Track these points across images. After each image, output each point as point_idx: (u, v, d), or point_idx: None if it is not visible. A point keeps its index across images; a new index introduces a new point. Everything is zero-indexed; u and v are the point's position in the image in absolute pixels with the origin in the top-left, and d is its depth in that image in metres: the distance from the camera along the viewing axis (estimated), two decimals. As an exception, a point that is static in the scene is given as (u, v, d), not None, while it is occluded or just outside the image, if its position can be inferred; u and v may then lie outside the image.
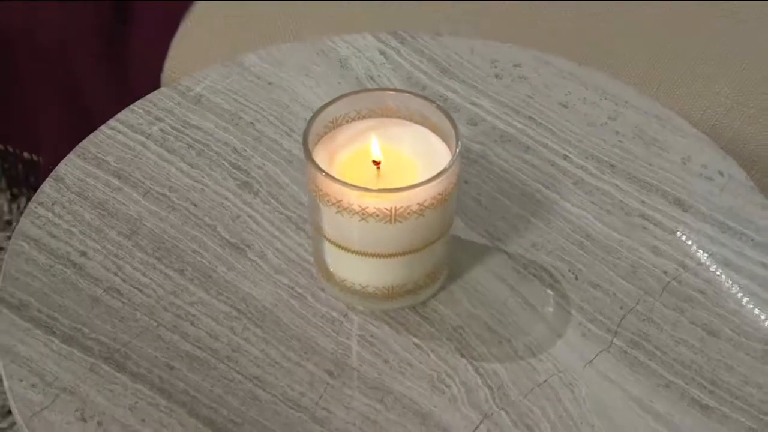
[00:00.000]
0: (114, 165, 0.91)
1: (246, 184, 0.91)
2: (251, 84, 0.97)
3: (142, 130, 0.94)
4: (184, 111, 0.95)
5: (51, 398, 0.79)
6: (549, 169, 0.92)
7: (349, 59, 1.00)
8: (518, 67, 0.99)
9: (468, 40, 1.01)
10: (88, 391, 0.79)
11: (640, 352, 0.82)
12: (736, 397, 0.80)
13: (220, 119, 0.95)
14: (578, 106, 0.96)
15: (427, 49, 1.00)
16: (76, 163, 0.92)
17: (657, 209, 0.90)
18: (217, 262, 0.86)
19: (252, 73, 0.98)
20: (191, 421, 0.78)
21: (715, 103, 1.17)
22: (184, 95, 0.97)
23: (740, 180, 0.92)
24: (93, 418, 0.78)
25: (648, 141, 0.94)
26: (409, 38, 1.01)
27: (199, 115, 0.95)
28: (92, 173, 0.91)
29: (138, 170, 0.91)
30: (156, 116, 0.95)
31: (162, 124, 0.94)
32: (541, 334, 0.83)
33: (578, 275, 0.86)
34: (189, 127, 0.94)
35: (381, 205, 0.77)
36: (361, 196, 0.77)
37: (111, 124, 0.94)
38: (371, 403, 0.79)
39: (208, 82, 0.98)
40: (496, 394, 0.80)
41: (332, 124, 0.82)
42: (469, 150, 0.93)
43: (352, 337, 0.83)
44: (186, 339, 0.82)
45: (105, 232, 0.88)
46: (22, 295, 0.84)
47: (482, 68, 0.99)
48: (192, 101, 0.96)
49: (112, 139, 0.93)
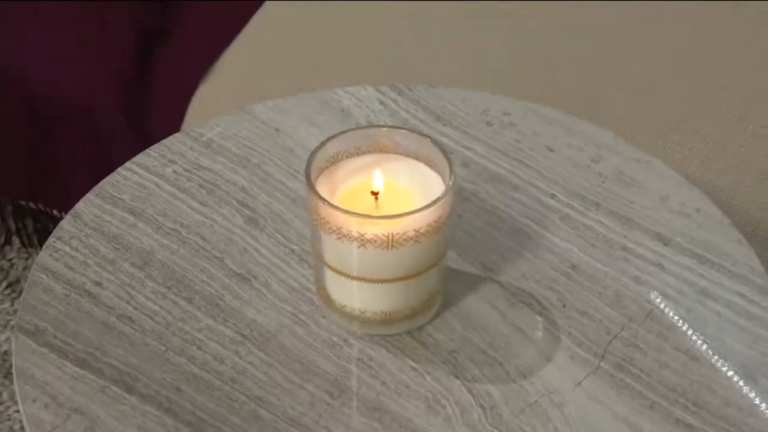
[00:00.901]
0: (129, 203, 0.87)
1: (252, 220, 0.86)
2: (259, 130, 0.94)
3: (156, 171, 0.90)
4: (196, 154, 0.91)
5: (62, 418, 0.74)
6: (537, 206, 0.88)
7: (350, 109, 0.96)
8: (507, 115, 0.95)
9: (461, 91, 0.98)
10: (98, 412, 0.75)
11: (626, 375, 0.77)
12: (719, 417, 0.75)
13: (229, 161, 0.91)
14: (563, 150, 0.92)
15: (422, 99, 0.96)
16: (94, 201, 0.88)
17: (639, 243, 0.85)
18: (224, 291, 0.82)
19: (260, 120, 0.95)
20: (197, 439, 0.74)
21: (689, 157, 1.13)
22: (196, 140, 0.93)
23: (716, 217, 0.87)
24: (102, 437, 0.73)
25: (628, 182, 0.90)
26: (406, 90, 0.97)
27: (209, 158, 0.91)
28: (108, 210, 0.87)
29: (151, 207, 0.87)
30: (169, 159, 0.91)
31: (175, 166, 0.90)
32: (531, 357, 0.78)
33: (566, 303, 0.81)
34: (200, 169, 0.90)
35: (379, 232, 0.73)
36: (360, 223, 0.73)
37: (127, 166, 0.90)
38: (369, 422, 0.75)
39: (218, 128, 0.94)
40: (489, 413, 0.75)
41: (333, 158, 0.78)
42: (462, 189, 0.88)
43: (351, 361, 0.78)
44: (193, 362, 0.77)
45: (119, 263, 0.83)
46: (38, 322, 0.80)
47: (474, 116, 0.95)
48: (203, 146, 0.92)
49: (128, 180, 0.89)
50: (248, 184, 0.89)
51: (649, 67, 1.25)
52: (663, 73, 1.24)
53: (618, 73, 1.24)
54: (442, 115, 0.95)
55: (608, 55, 1.26)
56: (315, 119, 0.95)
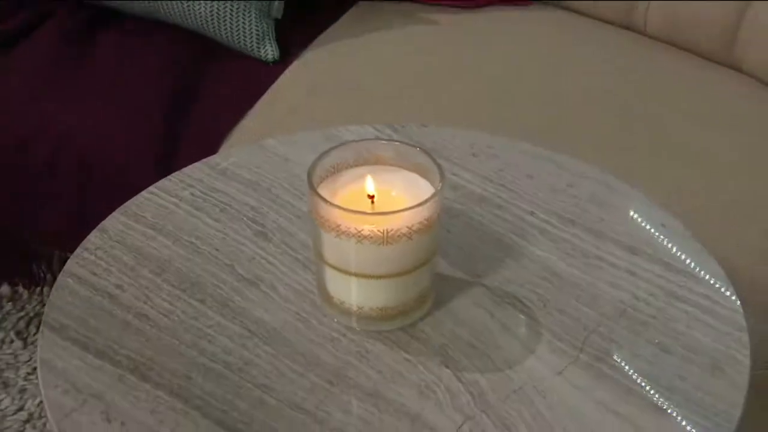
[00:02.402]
0: (150, 219, 0.81)
1: (261, 233, 0.80)
2: (269, 159, 0.88)
3: (176, 193, 0.84)
4: (212, 180, 0.86)
5: (80, 402, 0.67)
6: (519, 222, 0.81)
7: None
8: (491, 148, 0.90)
9: (450, 129, 0.92)
10: (113, 397, 0.68)
11: (604, 365, 0.70)
12: (690, 401, 0.68)
13: (242, 185, 0.85)
14: (542, 176, 0.86)
15: (415, 135, 0.91)
16: (119, 218, 0.81)
17: (611, 253, 0.79)
18: (234, 293, 0.75)
19: (271, 151, 0.89)
20: (205, 421, 0.66)
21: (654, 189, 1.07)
22: (213, 168, 0.87)
23: (680, 231, 0.81)
24: (117, 420, 0.66)
25: (600, 202, 0.84)
26: (400, 128, 0.92)
27: (224, 182, 0.85)
28: (131, 226, 0.81)
29: (170, 223, 0.81)
30: (188, 183, 0.85)
31: (192, 189, 0.84)
32: (516, 350, 0.71)
33: (546, 304, 0.74)
34: (215, 192, 0.84)
35: (375, 227, 0.67)
36: (357, 220, 0.67)
37: (150, 189, 0.84)
38: (366, 407, 0.67)
39: (233, 158, 0.88)
40: (477, 399, 0.68)
41: (333, 169, 0.72)
42: (452, 208, 0.82)
43: (350, 353, 0.71)
44: (203, 354, 0.70)
45: (138, 270, 0.77)
46: (63, 320, 0.73)
47: (461, 149, 0.89)
48: (219, 172, 0.86)
49: (150, 201, 0.83)
50: (258, 204, 0.83)
51: (618, 112, 1.19)
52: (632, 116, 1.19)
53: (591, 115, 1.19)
54: (433, 148, 0.89)
55: (579, 97, 1.21)
56: (320, 149, 0.89)
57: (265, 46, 1.28)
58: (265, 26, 1.28)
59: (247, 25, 1.28)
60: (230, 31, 1.28)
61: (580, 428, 0.66)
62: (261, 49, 1.28)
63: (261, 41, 1.28)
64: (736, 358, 0.71)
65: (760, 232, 1.05)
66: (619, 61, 1.31)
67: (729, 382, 0.69)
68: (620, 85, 1.25)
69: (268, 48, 1.28)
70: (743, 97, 1.27)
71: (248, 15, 1.27)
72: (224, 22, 1.28)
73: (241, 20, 1.28)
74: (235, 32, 1.28)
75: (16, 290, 1.55)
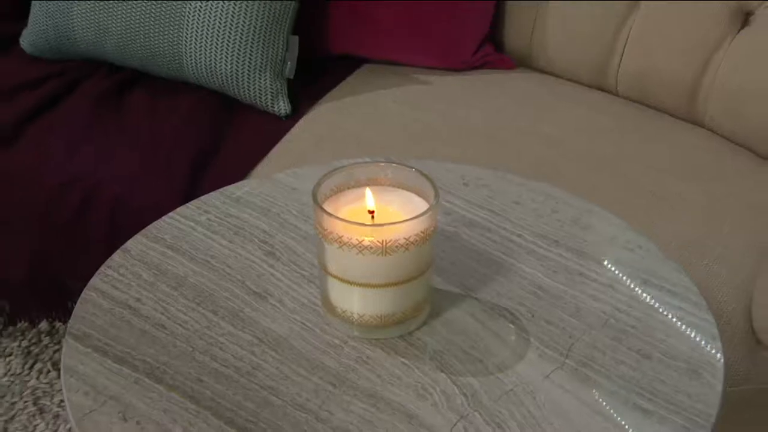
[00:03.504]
0: (169, 241, 0.78)
1: (271, 253, 0.76)
2: (280, 189, 0.85)
3: (193, 218, 0.80)
4: (227, 207, 0.82)
5: (99, 403, 0.63)
6: (507, 243, 0.78)
7: (353, 177, 0.87)
8: (481, 179, 0.86)
9: (443, 163, 0.89)
10: (130, 399, 0.63)
11: (588, 370, 0.66)
12: (671, 402, 0.63)
13: (254, 211, 0.81)
14: (528, 203, 0.83)
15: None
16: (141, 240, 0.78)
17: (593, 270, 0.75)
18: (244, 305, 0.71)
19: (281, 183, 0.86)
20: (215, 421, 0.62)
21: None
22: (228, 197, 0.83)
23: (655, 252, 0.77)
24: (133, 419, 0.62)
25: (583, 226, 0.80)
26: (396, 162, 0.88)
27: (238, 209, 0.82)
28: (152, 246, 0.77)
29: (187, 244, 0.77)
30: (204, 210, 0.82)
31: (209, 215, 0.81)
32: (506, 356, 0.67)
33: (534, 315, 0.70)
34: (229, 216, 0.81)
35: (375, 238, 0.63)
36: (358, 231, 0.63)
37: (170, 215, 0.81)
38: (366, 407, 0.63)
39: (247, 188, 0.85)
40: (470, 400, 0.63)
41: (336, 188, 0.69)
42: (445, 230, 0.79)
43: (351, 358, 0.67)
44: (215, 359, 0.66)
45: (157, 285, 0.73)
46: (86, 329, 0.69)
47: (453, 180, 0.86)
48: (233, 200, 0.83)
49: (169, 225, 0.80)
50: (269, 227, 0.79)
51: (598, 151, 1.16)
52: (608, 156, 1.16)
53: (573, 150, 1.16)
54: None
55: (557, 148, 1.18)
56: (325, 183, 0.86)
57: (278, 103, 1.26)
58: (278, 85, 1.26)
59: (263, 84, 1.26)
60: (248, 90, 1.26)
61: (568, 425, 0.61)
62: (275, 105, 1.26)
63: (275, 98, 1.26)
64: (712, 363, 0.66)
65: (718, 261, 1.01)
66: (594, 117, 1.28)
67: (706, 385, 0.65)
68: (594, 138, 1.22)
69: (281, 104, 1.26)
70: (703, 148, 1.24)
71: (264, 75, 1.25)
72: (243, 82, 1.25)
73: (257, 80, 1.25)
74: (252, 90, 1.26)
75: (53, 325, 1.50)
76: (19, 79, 1.40)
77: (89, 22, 1.32)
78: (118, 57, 1.33)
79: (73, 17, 1.34)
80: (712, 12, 1.25)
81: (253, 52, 1.25)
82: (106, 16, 1.31)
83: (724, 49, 1.25)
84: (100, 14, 1.31)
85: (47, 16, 1.35)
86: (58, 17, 1.34)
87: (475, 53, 1.37)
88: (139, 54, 1.31)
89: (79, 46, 1.35)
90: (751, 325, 0.98)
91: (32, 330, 1.51)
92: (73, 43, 1.35)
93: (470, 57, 1.36)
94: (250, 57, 1.25)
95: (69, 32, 1.35)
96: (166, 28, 1.27)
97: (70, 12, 1.33)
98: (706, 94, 1.28)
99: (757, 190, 1.14)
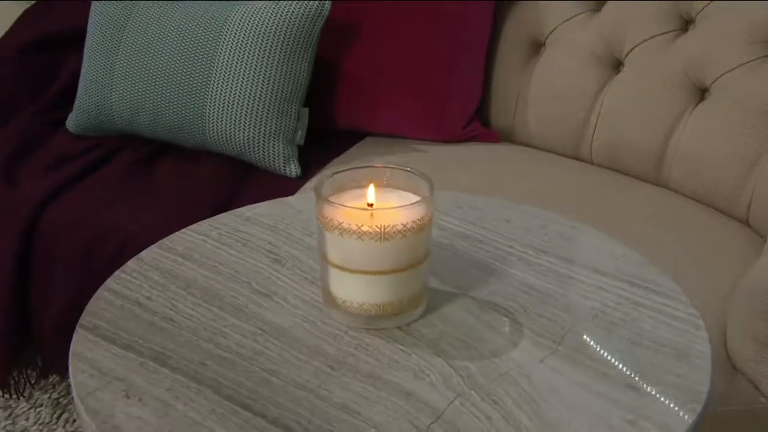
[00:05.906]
0: (181, 250, 0.71)
1: (276, 260, 0.70)
2: (287, 210, 0.79)
3: (205, 233, 0.75)
4: (237, 224, 0.76)
5: (104, 383, 0.56)
6: (499, 252, 0.72)
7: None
8: (473, 203, 0.81)
9: (437, 191, 0.83)
10: (134, 379, 0.56)
11: (581, 355, 0.59)
12: (661, 383, 0.56)
13: (262, 228, 0.76)
14: (517, 221, 0.77)
15: (409, 196, 0.82)
16: (155, 250, 0.72)
17: (581, 274, 0.68)
18: (249, 302, 0.64)
19: (289, 206, 0.80)
20: (215, 397, 0.54)
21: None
22: (239, 217, 0.78)
23: (637, 258, 0.71)
24: (135, 396, 0.54)
25: (568, 239, 0.74)
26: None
27: (247, 226, 0.76)
28: (164, 255, 0.71)
29: (198, 253, 0.71)
30: (215, 227, 0.76)
31: (219, 230, 0.75)
32: (501, 343, 0.60)
33: (527, 309, 0.64)
34: (239, 232, 0.75)
35: (373, 224, 0.57)
36: (357, 217, 0.57)
37: (183, 230, 0.75)
38: (364, 386, 0.56)
39: (256, 210, 0.79)
40: (466, 380, 0.56)
41: (337, 188, 0.63)
42: (440, 242, 0.73)
43: (351, 345, 0.60)
44: (218, 347, 0.59)
45: (167, 286, 0.66)
46: (96, 322, 0.62)
47: (448, 205, 0.81)
48: (243, 219, 0.77)
49: (183, 238, 0.74)
50: (275, 240, 0.73)
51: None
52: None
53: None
54: (424, 205, 0.80)
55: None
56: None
57: (289, 166, 1.22)
58: (290, 151, 1.22)
59: (276, 150, 1.22)
60: (263, 154, 1.22)
61: (562, 402, 0.54)
62: (286, 168, 1.21)
63: (287, 162, 1.22)
64: (698, 349, 0.59)
65: (691, 294, 0.94)
66: (573, 177, 1.24)
67: (695, 367, 0.57)
68: (573, 193, 1.18)
69: (292, 167, 1.22)
70: (670, 203, 1.19)
71: (277, 142, 1.21)
72: (258, 148, 1.22)
73: (271, 146, 1.22)
74: (267, 155, 1.22)
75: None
76: (63, 152, 1.37)
77: (126, 101, 1.30)
78: (149, 130, 1.30)
79: (113, 97, 1.31)
80: (673, 89, 1.23)
81: (268, 122, 1.22)
82: (141, 95, 1.28)
83: (684, 121, 1.22)
84: (135, 93, 1.29)
85: (90, 98, 1.33)
86: (100, 98, 1.32)
87: (465, 128, 1.34)
88: (168, 126, 1.28)
89: (116, 122, 1.32)
90: (726, 352, 0.90)
91: (62, 383, 1.42)
92: (111, 120, 1.33)
93: (460, 131, 1.33)
94: (265, 126, 1.22)
95: (108, 111, 1.32)
96: (192, 101, 1.24)
97: (110, 93, 1.31)
98: (671, 160, 1.25)
99: (720, 236, 1.09)
